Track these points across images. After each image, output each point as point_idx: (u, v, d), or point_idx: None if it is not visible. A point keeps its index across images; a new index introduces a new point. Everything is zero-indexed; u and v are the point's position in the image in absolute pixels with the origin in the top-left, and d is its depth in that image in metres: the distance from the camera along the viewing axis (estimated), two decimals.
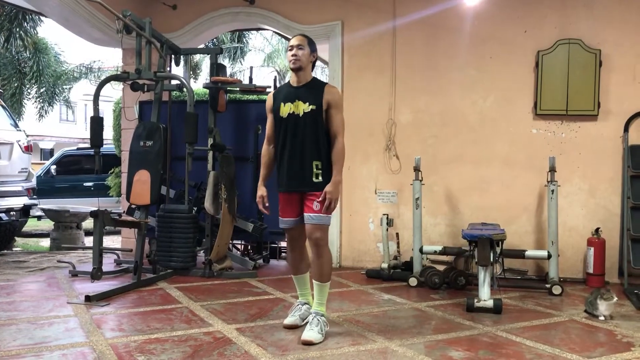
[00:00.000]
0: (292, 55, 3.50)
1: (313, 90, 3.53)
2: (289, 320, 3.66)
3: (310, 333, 3.38)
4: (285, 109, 3.53)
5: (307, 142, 3.48)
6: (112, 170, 8.94)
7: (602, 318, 3.95)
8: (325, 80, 4.01)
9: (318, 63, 3.95)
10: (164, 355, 3.08)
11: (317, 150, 3.49)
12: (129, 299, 4.43)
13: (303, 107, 3.49)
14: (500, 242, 4.46)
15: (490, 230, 4.58)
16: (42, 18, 13.80)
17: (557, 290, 4.70)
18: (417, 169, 5.19)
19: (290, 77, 3.66)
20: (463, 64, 5.63)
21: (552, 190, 4.94)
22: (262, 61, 20.96)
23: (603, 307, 3.94)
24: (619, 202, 5.26)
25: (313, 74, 3.62)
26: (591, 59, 5.24)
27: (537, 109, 5.38)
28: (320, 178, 3.48)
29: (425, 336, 3.53)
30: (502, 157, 5.52)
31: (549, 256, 4.87)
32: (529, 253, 4.98)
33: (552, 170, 4.97)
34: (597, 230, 5.10)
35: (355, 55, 5.94)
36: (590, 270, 5.08)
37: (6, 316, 3.85)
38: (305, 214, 3.51)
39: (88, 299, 4.24)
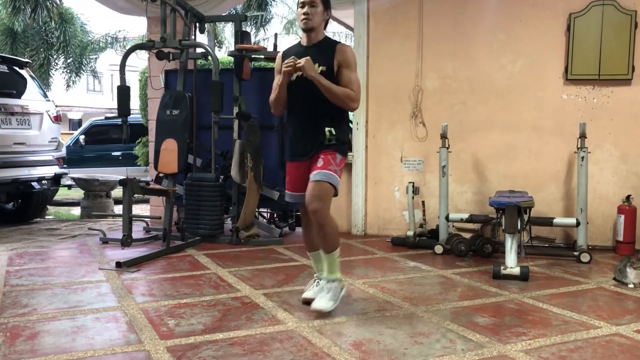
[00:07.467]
0: (304, 14, 3.23)
1: (324, 50, 3.26)
2: (307, 294, 3.46)
3: (319, 302, 3.27)
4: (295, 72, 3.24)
5: (319, 108, 3.22)
6: (139, 140, 9.06)
7: (631, 286, 3.90)
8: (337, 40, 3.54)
9: (343, 30, 3.78)
10: (194, 319, 3.15)
11: (330, 115, 3.26)
12: (158, 265, 4.52)
13: None
14: (528, 210, 4.41)
15: (518, 197, 4.53)
16: None
17: (585, 258, 4.65)
18: (444, 136, 5.13)
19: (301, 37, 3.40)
20: (492, 27, 5.49)
21: (582, 157, 4.84)
22: (285, 29, 20.79)
23: (632, 275, 3.89)
24: None
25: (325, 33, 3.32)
26: (626, 21, 5.05)
27: (568, 74, 5.24)
28: (333, 142, 3.25)
29: (450, 303, 3.54)
30: (531, 124, 5.41)
31: (578, 224, 4.81)
32: (557, 221, 4.93)
33: (583, 136, 4.86)
34: (628, 197, 5.00)
35: (381, 20, 5.83)
36: (620, 238, 5.01)
37: (42, 281, 3.98)
38: (310, 175, 3.23)
39: (119, 265, 4.34)
